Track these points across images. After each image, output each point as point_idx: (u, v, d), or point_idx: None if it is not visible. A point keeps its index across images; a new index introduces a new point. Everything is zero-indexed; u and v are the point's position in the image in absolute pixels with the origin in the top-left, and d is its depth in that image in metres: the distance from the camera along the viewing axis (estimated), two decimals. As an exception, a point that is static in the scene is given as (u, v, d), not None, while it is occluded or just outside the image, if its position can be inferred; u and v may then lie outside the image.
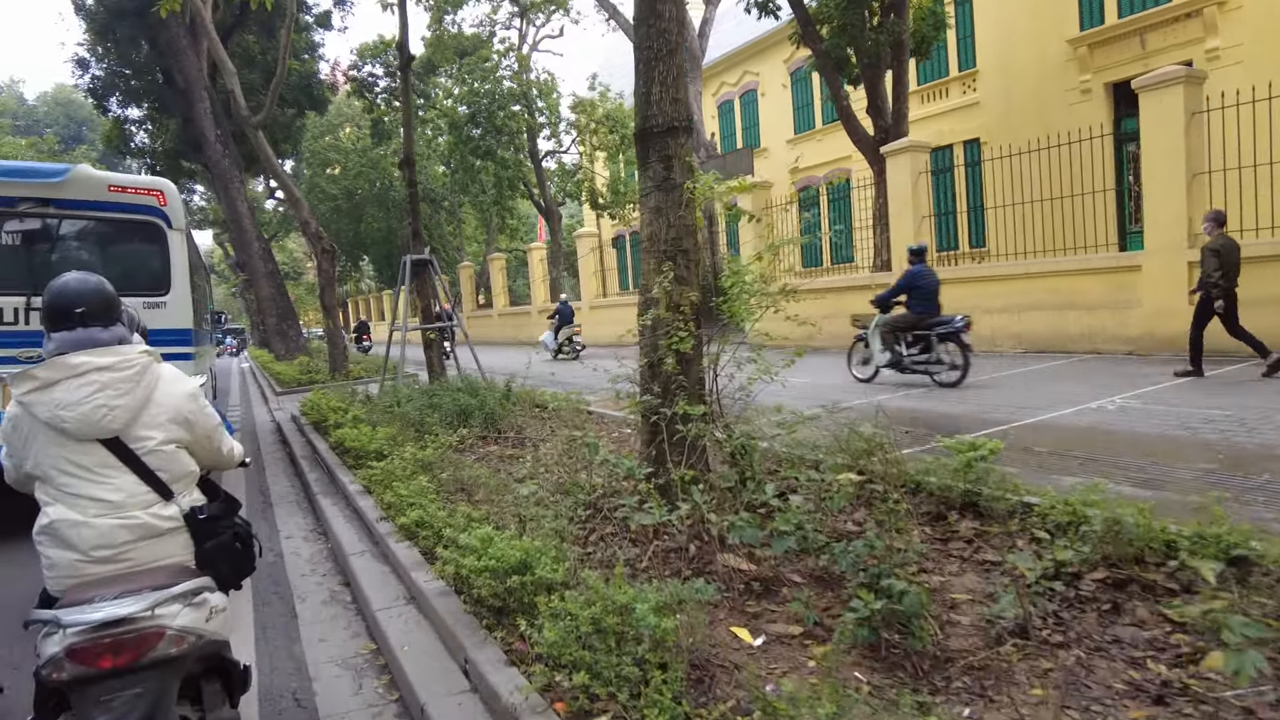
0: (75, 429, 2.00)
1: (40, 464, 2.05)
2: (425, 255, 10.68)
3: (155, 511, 2.09)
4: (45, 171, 5.83)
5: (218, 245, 47.99)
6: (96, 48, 23.92)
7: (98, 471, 2.04)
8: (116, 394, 2.05)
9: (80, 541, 1.99)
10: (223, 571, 2.25)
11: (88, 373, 2.02)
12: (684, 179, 4.47)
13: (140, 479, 2.09)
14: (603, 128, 27.08)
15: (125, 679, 1.85)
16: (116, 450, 2.06)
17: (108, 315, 2.16)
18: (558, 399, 8.57)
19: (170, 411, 2.18)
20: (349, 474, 6.04)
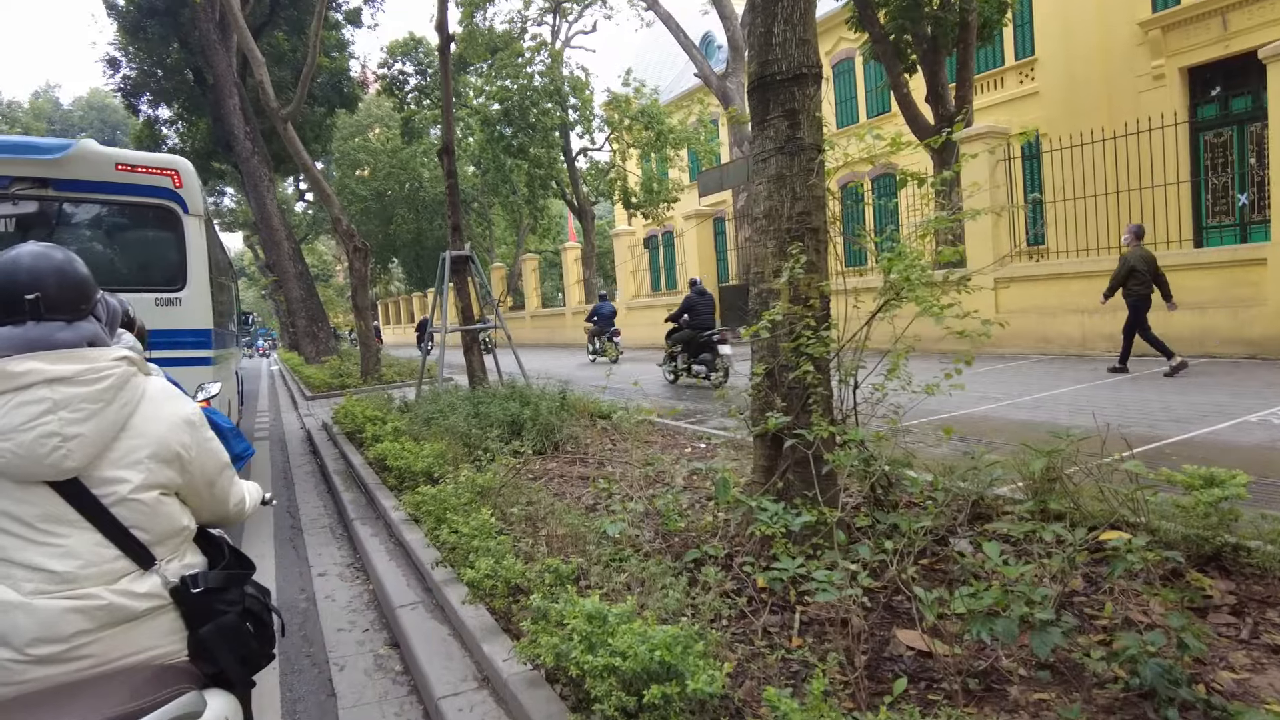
0: (11, 466, 1.36)
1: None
2: (465, 251, 9.87)
3: (126, 586, 1.44)
4: (43, 147, 5.01)
5: (248, 248, 47.94)
6: (128, 47, 23.69)
7: (41, 528, 1.39)
8: (76, 417, 1.40)
9: (12, 632, 1.35)
10: (226, 665, 1.55)
11: (34, 385, 1.38)
12: (814, 139, 3.58)
13: (106, 539, 1.43)
14: (637, 124, 26.24)
15: None
16: (73, 498, 1.41)
17: (74, 306, 1.50)
18: (616, 408, 7.71)
19: (155, 445, 1.50)
20: (391, 497, 5.21)
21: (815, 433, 3.10)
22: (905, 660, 2.53)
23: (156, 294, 5.18)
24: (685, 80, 33.39)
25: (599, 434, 6.98)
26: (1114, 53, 16.46)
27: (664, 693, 1.88)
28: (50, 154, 4.95)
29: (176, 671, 1.48)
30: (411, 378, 15.55)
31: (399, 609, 3.53)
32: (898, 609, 2.88)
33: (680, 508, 3.96)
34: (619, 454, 6.14)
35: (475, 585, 3.04)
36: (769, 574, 2.81)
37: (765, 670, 2.40)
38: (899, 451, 3.70)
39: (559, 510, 3.88)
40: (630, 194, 27.55)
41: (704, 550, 3.06)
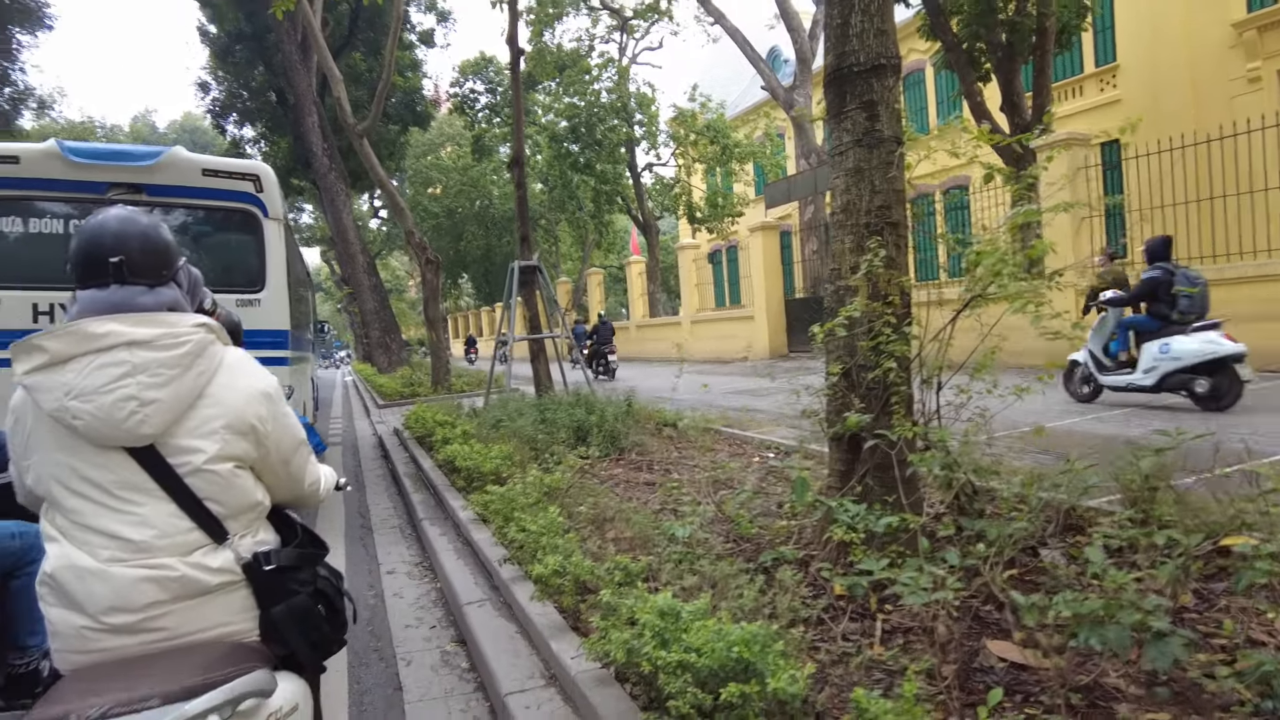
0: (91, 428, 1.35)
1: (42, 478, 1.40)
2: (534, 262, 9.96)
3: (199, 559, 1.42)
4: (137, 154, 5.29)
5: (325, 263, 49.70)
6: (217, 71, 25.00)
7: (118, 495, 1.38)
8: (154, 382, 1.38)
9: (89, 599, 1.34)
10: (297, 647, 1.52)
11: (114, 348, 1.37)
12: (893, 131, 3.46)
13: (180, 510, 1.42)
14: (703, 139, 26.24)
15: None
16: (149, 465, 1.40)
17: (156, 271, 1.50)
18: (681, 416, 7.63)
19: (231, 415, 1.47)
20: (459, 498, 5.23)
21: (898, 432, 2.96)
22: (997, 672, 2.37)
23: (237, 295, 5.30)
24: (751, 95, 33.29)
25: (664, 441, 6.90)
26: (1203, 56, 15.70)
27: (742, 691, 1.78)
28: (143, 161, 5.23)
29: (248, 650, 1.45)
30: (480, 387, 15.78)
31: (466, 606, 3.51)
32: (987, 619, 2.71)
33: (751, 514, 3.85)
34: (685, 461, 6.05)
35: (543, 581, 2.99)
36: (848, 578, 2.68)
37: (847, 676, 2.28)
38: (983, 459, 3.52)
39: (626, 511, 3.81)
40: (695, 209, 27.53)
41: (780, 552, 2.93)
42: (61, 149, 5.11)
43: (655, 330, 24.75)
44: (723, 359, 19.62)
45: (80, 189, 5.17)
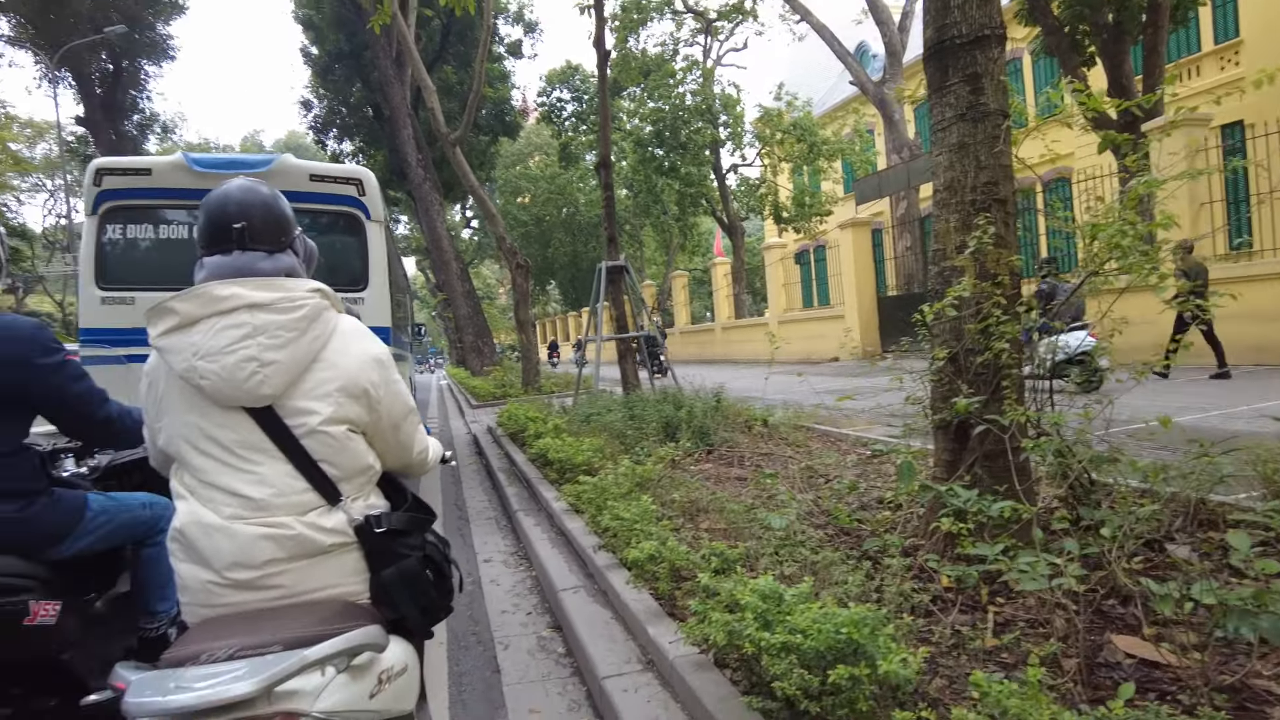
0: (215, 388, 1.41)
1: (172, 438, 1.47)
2: (621, 262, 10.02)
3: (314, 519, 1.46)
4: (251, 162, 5.64)
5: (420, 272, 51.50)
6: (318, 89, 26.29)
7: (240, 454, 1.44)
8: (272, 344, 1.43)
9: (214, 555, 1.40)
10: (406, 611, 1.56)
11: (237, 310, 1.44)
12: (999, 104, 3.29)
13: (296, 470, 1.46)
14: (789, 137, 25.89)
15: None
16: (268, 426, 1.45)
17: (275, 238, 1.57)
18: (771, 413, 7.50)
19: (345, 379, 1.51)
20: (552, 489, 5.29)
21: (1010, 417, 2.80)
22: (1125, 668, 2.20)
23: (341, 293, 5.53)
24: (839, 91, 32.65)
25: (755, 438, 6.80)
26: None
27: (851, 674, 1.71)
28: (257, 167, 5.52)
29: (362, 610, 1.49)
30: (568, 389, 16.01)
31: (561, 592, 3.53)
32: (1109, 614, 2.53)
33: (849, 507, 3.73)
34: (777, 458, 5.93)
35: (638, 566, 2.97)
36: (957, 568, 2.55)
37: (959, 666, 2.16)
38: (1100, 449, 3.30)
39: (720, 499, 3.76)
40: (781, 208, 27.17)
41: (885, 540, 2.82)
42: (187, 160, 5.51)
43: (741, 332, 24.52)
44: (812, 360, 19.24)
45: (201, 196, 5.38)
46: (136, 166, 5.56)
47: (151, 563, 2.42)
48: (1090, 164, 13.73)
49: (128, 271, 5.44)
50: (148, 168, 5.56)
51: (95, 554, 2.22)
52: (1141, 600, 2.32)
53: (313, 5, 24.42)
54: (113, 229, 5.42)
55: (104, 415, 2.14)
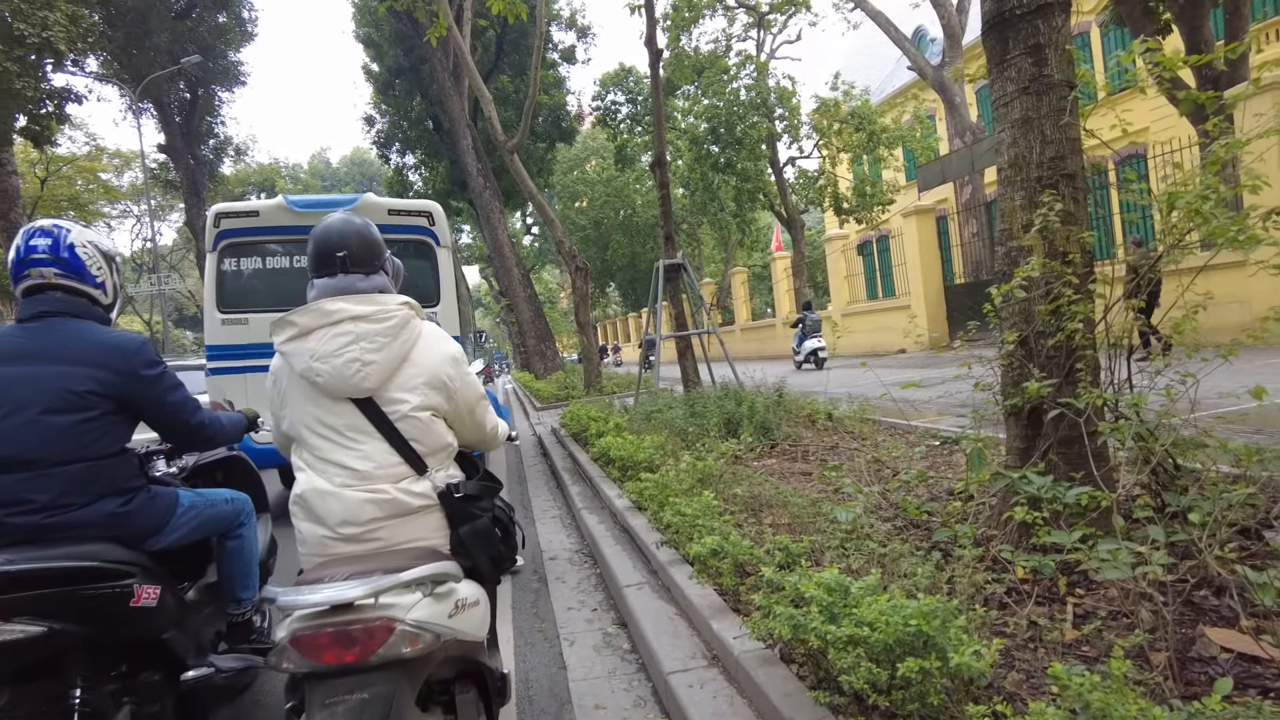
0: (328, 383, 1.79)
1: (294, 423, 1.86)
2: (678, 260, 10.00)
3: (406, 486, 1.81)
4: (340, 201, 6.63)
5: (483, 279, 52.48)
6: (380, 105, 27.05)
7: (348, 435, 1.81)
8: (371, 347, 1.80)
9: (328, 514, 1.77)
10: (479, 561, 1.89)
11: (342, 321, 1.80)
12: (1064, 74, 3.15)
13: (392, 448, 1.82)
14: (847, 127, 25.42)
15: (351, 679, 1.52)
16: (369, 412, 1.82)
17: (369, 262, 1.93)
18: (834, 407, 7.36)
19: (428, 374, 1.88)
20: (614, 487, 5.31)
21: (1086, 400, 2.67)
22: (1220, 663, 2.07)
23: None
24: (897, 78, 31.92)
25: (819, 432, 6.68)
26: None
27: (922, 666, 1.65)
28: (344, 206, 6.35)
29: (442, 556, 1.81)
30: (630, 389, 16.06)
31: (625, 589, 3.53)
32: (1201, 605, 2.38)
33: (918, 499, 3.63)
34: (842, 452, 5.82)
35: (700, 561, 2.94)
36: (1032, 558, 2.44)
37: (1035, 661, 2.07)
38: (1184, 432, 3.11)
39: (784, 494, 3.70)
40: (842, 199, 26.70)
41: (955, 530, 2.72)
42: (287, 202, 6.53)
43: (804, 327, 24.17)
44: (878, 352, 18.85)
45: (301, 232, 6.38)
46: (247, 210, 6.64)
47: (234, 554, 2.64)
48: (1167, 136, 13.06)
49: (242, 297, 6.46)
50: (256, 210, 6.63)
51: (186, 546, 2.43)
52: (1238, 591, 2.18)
53: (372, 24, 25.13)
54: (229, 262, 6.44)
55: (197, 421, 2.38)
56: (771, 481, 4.49)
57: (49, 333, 2.14)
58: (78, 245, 2.22)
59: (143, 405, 2.24)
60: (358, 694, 1.51)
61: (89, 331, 2.18)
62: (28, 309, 2.19)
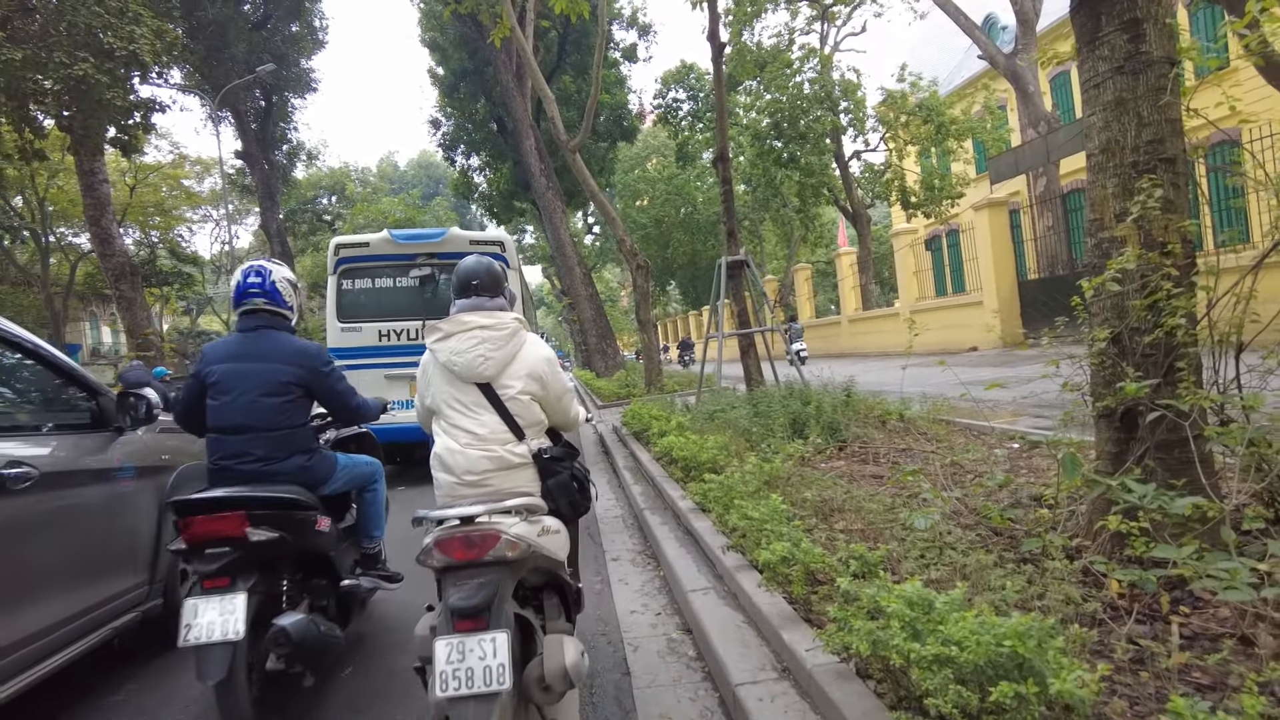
0: (460, 371, 2.43)
1: (435, 400, 2.50)
2: (741, 256, 9.84)
3: (510, 448, 2.42)
4: (431, 235, 8.44)
5: (545, 279, 53.02)
6: (446, 108, 27.53)
7: (472, 409, 2.43)
8: (492, 347, 2.44)
9: (455, 466, 2.38)
10: (561, 505, 2.50)
11: (474, 329, 2.46)
12: (1164, 50, 2.93)
13: (501, 420, 2.43)
14: (915, 119, 24.74)
15: (473, 570, 2.14)
16: (487, 394, 2.44)
17: (494, 289, 2.58)
18: (906, 407, 7.12)
19: (529, 369, 2.50)
20: (677, 488, 5.22)
21: (1190, 401, 2.47)
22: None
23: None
24: (966, 69, 30.95)
25: (890, 434, 6.46)
26: None
27: (1017, 692, 1.51)
28: (435, 238, 8.37)
29: (534, 497, 2.42)
30: (691, 387, 15.94)
31: (690, 594, 3.44)
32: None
33: (1000, 505, 3.44)
34: (916, 454, 5.60)
35: (770, 568, 2.82)
36: (1130, 572, 2.26)
37: (1139, 686, 1.90)
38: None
39: (857, 498, 3.55)
40: (909, 193, 26.01)
41: (1044, 540, 2.54)
42: (391, 235, 8.38)
43: (870, 323, 23.63)
44: (948, 350, 18.26)
45: (401, 258, 8.38)
46: (358, 241, 8.51)
47: (370, 503, 3.58)
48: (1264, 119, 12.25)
49: (356, 310, 8.13)
50: (366, 241, 8.48)
51: (338, 495, 3.34)
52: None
53: (437, 28, 25.59)
54: (346, 283, 7.93)
55: (355, 403, 3.31)
56: (841, 485, 4.34)
57: (261, 340, 3.06)
58: (277, 282, 3.16)
59: (320, 391, 3.16)
60: (475, 580, 2.13)
61: (285, 340, 3.10)
62: (246, 323, 3.10)
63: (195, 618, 2.53)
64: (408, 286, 8.39)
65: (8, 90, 12.57)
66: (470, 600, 2.08)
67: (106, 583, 3.17)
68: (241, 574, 2.68)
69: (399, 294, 8.37)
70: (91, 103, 12.67)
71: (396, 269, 8.38)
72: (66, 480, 3.00)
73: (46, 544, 2.86)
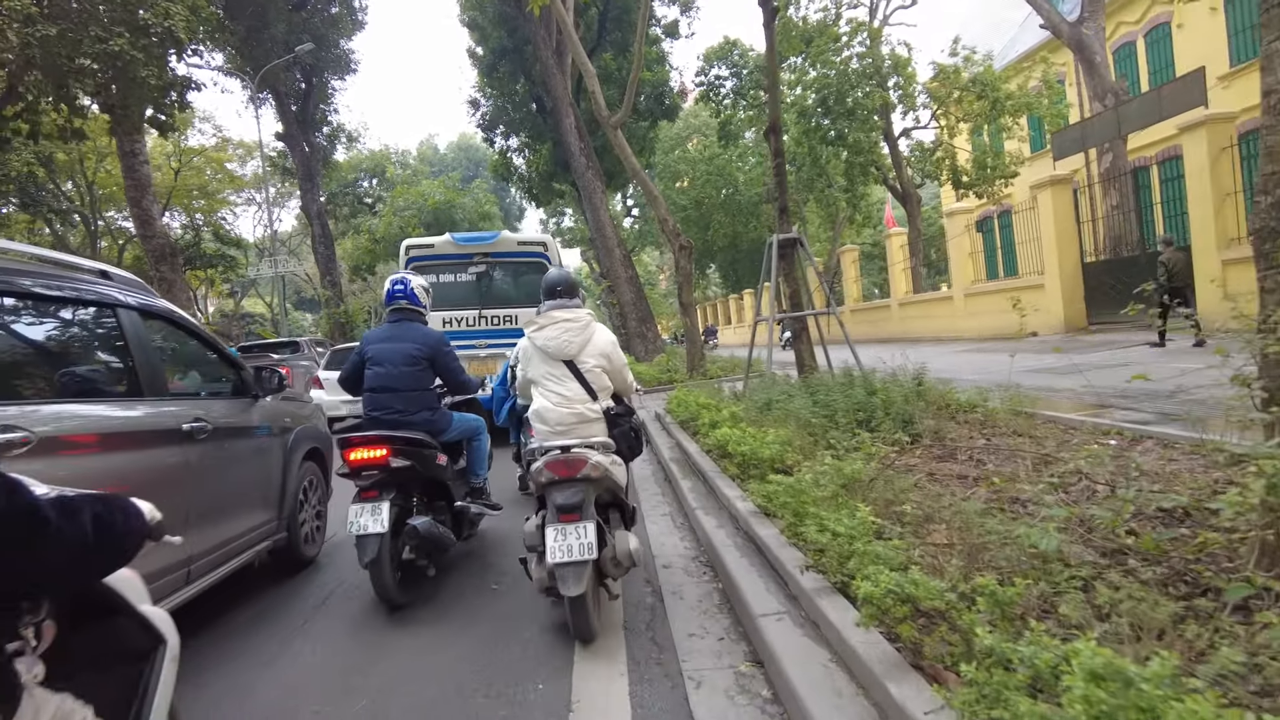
0: (552, 352, 3.45)
1: (534, 373, 3.50)
2: (794, 234, 9.24)
3: (587, 406, 3.41)
4: (485, 237, 10.40)
5: (584, 262, 52.63)
6: (485, 88, 27.16)
7: (560, 379, 3.44)
8: (573, 334, 3.46)
9: (549, 418, 3.39)
10: (622, 449, 3.50)
11: (560, 321, 3.48)
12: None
13: (581, 386, 3.43)
14: (968, 95, 23.65)
15: (569, 483, 3.17)
16: (571, 368, 3.44)
17: (572, 293, 3.58)
18: (982, 398, 6.50)
19: (599, 350, 3.51)
20: (734, 486, 4.70)
21: None
22: None
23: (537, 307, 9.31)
24: (1020, 43, 29.63)
25: (964, 426, 5.87)
26: None
27: None
28: (488, 240, 10.29)
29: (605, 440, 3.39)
30: (735, 373, 15.35)
31: (760, 618, 2.93)
32: None
33: (1121, 517, 2.86)
34: (1000, 453, 5.02)
35: (872, 602, 2.29)
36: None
37: None
38: None
39: (966, 512, 3.00)
40: (960, 172, 24.95)
41: (1251, 583, 1.97)
42: (453, 238, 10.24)
43: (920, 307, 22.74)
44: (1004, 336, 17.39)
45: (460, 258, 10.12)
46: (425, 243, 10.24)
47: (476, 450, 4.67)
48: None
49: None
50: (431, 244, 10.21)
51: (453, 442, 4.43)
52: None
53: (476, 6, 25.16)
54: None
55: (463, 377, 4.39)
56: (931, 489, 3.79)
57: (403, 328, 4.24)
58: (415, 288, 4.36)
59: (439, 365, 4.25)
60: (571, 489, 3.13)
61: (418, 328, 4.29)
62: (393, 317, 4.32)
63: (356, 518, 3.62)
64: (465, 281, 10.15)
65: (45, 67, 12.43)
66: (570, 500, 3.08)
67: (253, 515, 4.05)
68: (385, 489, 3.76)
69: (458, 287, 10.06)
70: (127, 80, 12.46)
71: (456, 266, 10.15)
72: (228, 434, 3.81)
73: (218, 481, 3.68)
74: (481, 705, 2.74)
